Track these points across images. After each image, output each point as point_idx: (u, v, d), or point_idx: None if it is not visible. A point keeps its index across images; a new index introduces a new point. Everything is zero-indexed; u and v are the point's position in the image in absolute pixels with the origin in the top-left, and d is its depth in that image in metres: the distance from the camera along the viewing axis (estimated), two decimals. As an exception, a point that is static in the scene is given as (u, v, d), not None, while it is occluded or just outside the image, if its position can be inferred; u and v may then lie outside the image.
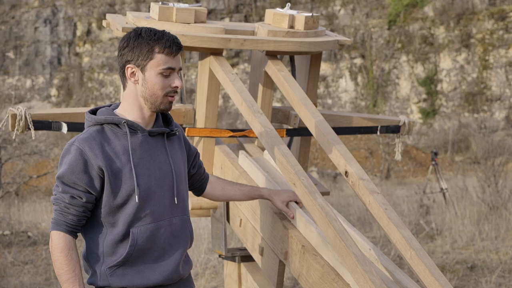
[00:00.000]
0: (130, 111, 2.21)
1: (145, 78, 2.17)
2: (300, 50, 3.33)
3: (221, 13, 25.97)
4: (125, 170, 2.15)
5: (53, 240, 2.15)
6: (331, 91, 25.30)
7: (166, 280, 2.20)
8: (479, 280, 5.95)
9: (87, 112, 2.24)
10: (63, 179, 2.15)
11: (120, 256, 2.16)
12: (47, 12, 27.31)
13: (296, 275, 2.58)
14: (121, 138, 2.17)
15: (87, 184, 2.14)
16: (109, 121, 2.18)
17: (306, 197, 2.47)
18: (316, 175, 16.97)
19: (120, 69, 2.22)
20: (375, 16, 25.08)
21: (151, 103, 2.20)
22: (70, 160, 2.14)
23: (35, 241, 8.09)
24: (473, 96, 23.30)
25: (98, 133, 2.17)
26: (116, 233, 2.16)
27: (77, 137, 2.18)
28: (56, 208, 2.16)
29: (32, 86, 27.27)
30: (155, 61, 2.16)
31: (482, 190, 9.26)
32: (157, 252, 2.19)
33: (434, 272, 2.17)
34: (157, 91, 2.18)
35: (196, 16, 3.28)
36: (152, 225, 2.18)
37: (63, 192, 2.15)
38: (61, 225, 2.15)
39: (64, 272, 2.13)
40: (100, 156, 2.13)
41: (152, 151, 2.21)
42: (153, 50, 2.15)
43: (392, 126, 3.80)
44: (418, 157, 19.55)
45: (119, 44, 2.22)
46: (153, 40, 2.16)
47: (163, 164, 2.22)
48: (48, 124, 3.18)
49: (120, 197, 2.15)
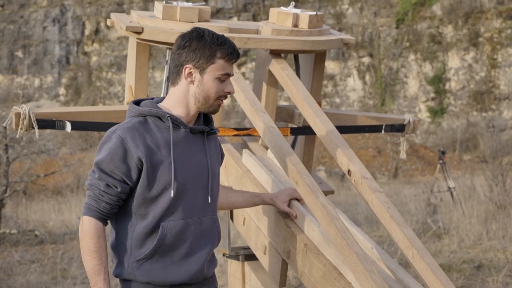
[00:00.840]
0: (175, 107, 2.23)
1: (202, 80, 2.21)
2: (304, 49, 3.32)
3: (229, 12, 25.99)
4: (164, 164, 2.16)
5: (84, 225, 2.15)
6: (339, 90, 25.26)
7: (191, 279, 2.21)
8: (485, 279, 5.93)
9: (131, 102, 2.26)
10: (100, 165, 2.15)
11: (147, 249, 2.16)
12: (56, 11, 27.41)
13: (299, 274, 2.58)
14: (163, 132, 2.19)
15: (124, 173, 2.15)
16: (153, 113, 2.19)
17: (308, 196, 2.47)
18: (323, 174, 16.95)
19: (176, 67, 2.22)
20: (383, 15, 25.01)
21: (202, 104, 2.23)
22: (110, 148, 2.15)
23: (42, 240, 8.13)
24: (481, 95, 23.21)
25: (140, 124, 2.19)
26: (145, 225, 2.17)
27: (119, 126, 2.19)
28: (90, 193, 2.17)
29: (40, 85, 27.38)
30: (215, 65, 2.20)
31: (489, 189, 9.22)
32: (184, 249, 2.20)
33: (436, 271, 2.16)
34: (211, 94, 2.22)
35: (200, 15, 3.29)
36: (182, 222, 2.19)
37: (99, 179, 2.15)
38: (93, 211, 2.15)
39: (92, 258, 2.13)
40: (141, 147, 2.15)
41: (192, 148, 2.23)
42: (215, 55, 2.19)
43: (396, 124, 3.79)
44: (426, 156, 19.49)
45: (179, 42, 2.22)
46: (216, 44, 2.19)
47: (201, 162, 2.24)
48: (52, 123, 3.19)
49: (155, 190, 2.16)
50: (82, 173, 14.94)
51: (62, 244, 7.90)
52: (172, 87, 2.25)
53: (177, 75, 2.23)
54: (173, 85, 2.25)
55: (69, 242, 7.99)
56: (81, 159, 15.79)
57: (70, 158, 16.43)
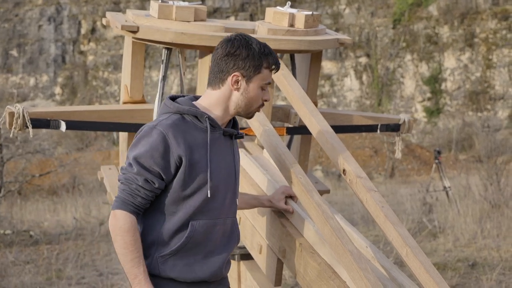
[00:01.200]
0: (213, 109, 2.26)
1: (248, 88, 2.24)
2: (300, 49, 3.33)
3: (226, 11, 25.99)
4: (201, 163, 2.18)
5: (118, 219, 2.14)
6: (336, 89, 25.29)
7: (212, 276, 2.25)
8: (480, 277, 5.95)
9: (168, 98, 2.27)
10: (140, 160, 2.15)
11: (174, 245, 2.19)
12: (51, 10, 27.37)
13: (294, 273, 2.58)
14: (200, 131, 2.21)
15: (162, 170, 2.15)
16: (192, 112, 2.21)
17: (303, 195, 2.47)
18: (320, 173, 16.97)
19: (221, 72, 2.23)
20: (380, 15, 25.05)
21: (243, 110, 2.28)
22: (150, 143, 2.15)
23: (37, 240, 8.10)
24: (476, 95, 23.27)
25: (180, 121, 2.20)
26: (174, 223, 2.19)
27: (159, 121, 2.19)
28: (125, 188, 2.16)
29: (36, 84, 27.33)
30: (261, 75, 2.25)
31: (484, 188, 9.25)
32: (208, 248, 2.23)
33: (429, 269, 2.17)
34: (254, 103, 2.27)
35: (196, 14, 3.29)
36: (210, 221, 2.22)
37: (138, 174, 2.15)
38: (128, 205, 2.15)
39: (129, 251, 2.13)
40: (182, 145, 2.16)
41: (223, 150, 2.27)
42: (262, 65, 2.24)
43: (392, 124, 3.80)
44: (423, 156, 19.53)
45: (227, 48, 2.22)
46: (264, 54, 2.24)
47: (229, 164, 2.28)
48: (46, 123, 3.18)
49: (190, 189, 2.18)
50: (78, 173, 14.92)
51: (57, 244, 7.89)
52: (211, 90, 2.27)
53: (221, 80, 2.25)
54: (214, 88, 2.27)
55: (64, 242, 7.98)
56: (77, 159, 15.78)
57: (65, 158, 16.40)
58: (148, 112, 3.38)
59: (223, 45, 2.24)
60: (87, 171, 15.04)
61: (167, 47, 3.33)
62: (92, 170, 14.83)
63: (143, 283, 2.13)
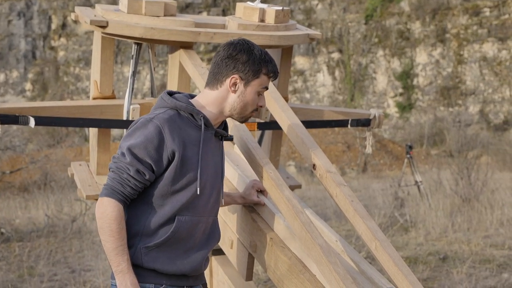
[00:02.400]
0: (208, 109, 2.29)
1: (245, 92, 2.28)
2: (270, 44, 3.34)
3: (198, 7, 25.88)
4: (193, 160, 2.21)
5: (105, 206, 2.15)
6: (309, 85, 25.37)
7: (192, 271, 2.29)
8: (450, 270, 6.04)
9: (166, 93, 2.29)
10: (133, 150, 2.16)
11: (159, 238, 2.21)
12: (21, 4, 26.97)
13: (265, 267, 2.59)
14: (194, 129, 2.25)
15: (154, 162, 2.17)
16: (189, 110, 2.24)
17: (273, 190, 2.48)
18: (293, 169, 17.02)
19: (220, 73, 2.26)
20: (352, 11, 25.19)
21: (237, 113, 2.31)
22: (146, 135, 2.17)
23: (8, 237, 8.00)
24: (448, 91, 23.55)
25: (176, 117, 2.23)
26: (161, 216, 2.21)
27: (156, 115, 2.21)
28: (116, 176, 2.17)
29: (6, 80, 26.93)
30: (259, 80, 2.29)
31: (455, 182, 9.37)
32: (189, 244, 2.27)
33: (398, 262, 2.19)
34: (249, 107, 2.31)
35: (166, 9, 3.28)
36: (195, 218, 2.26)
37: (130, 164, 2.16)
38: (117, 193, 2.16)
39: (115, 239, 2.14)
40: (176, 140, 2.18)
41: (213, 150, 2.31)
42: (261, 71, 2.28)
43: (362, 119, 3.83)
44: (394, 151, 19.71)
45: (229, 51, 2.26)
46: (264, 61, 2.28)
47: (217, 165, 2.33)
48: (15, 118, 3.15)
49: (179, 184, 2.20)
50: (49, 169, 14.75)
51: (28, 241, 7.80)
52: (208, 90, 2.31)
53: (219, 81, 2.28)
54: (211, 88, 2.30)
55: (36, 239, 7.89)
56: (48, 156, 15.60)
57: (37, 155, 16.21)
58: (118, 108, 3.36)
59: (225, 47, 2.28)
60: (58, 168, 14.88)
61: (137, 42, 3.31)
62: (63, 166, 14.67)
63: (125, 271, 2.15)
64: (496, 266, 6.13)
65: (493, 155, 16.10)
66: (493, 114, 23.14)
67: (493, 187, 9.55)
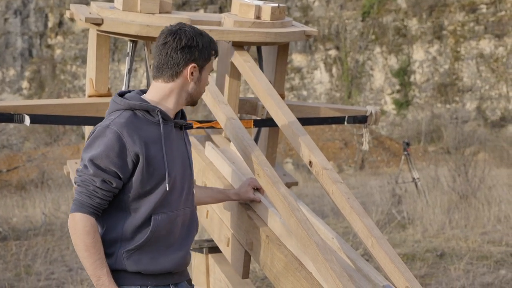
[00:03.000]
0: (163, 101, 2.25)
1: (200, 77, 2.26)
2: (266, 41, 3.32)
3: (195, 4, 25.86)
4: (158, 158, 2.18)
5: (77, 222, 2.13)
6: (306, 82, 25.37)
7: (176, 267, 2.27)
8: (448, 267, 6.04)
9: (117, 95, 2.24)
10: (96, 161, 2.13)
11: (139, 240, 2.19)
12: (17, 3, 26.91)
13: (261, 265, 2.58)
14: (152, 126, 2.20)
15: (119, 169, 2.14)
16: (144, 107, 2.20)
17: (269, 187, 2.47)
18: (291, 166, 17.02)
19: (176, 65, 2.21)
20: (349, 8, 25.19)
21: (192, 99, 2.29)
22: (106, 143, 2.13)
23: (5, 236, 7.99)
24: (445, 87, 23.57)
25: (132, 118, 2.18)
26: (137, 219, 2.19)
27: (112, 121, 2.17)
28: (82, 190, 2.15)
29: (2, 78, 26.88)
30: (210, 63, 2.27)
31: (452, 179, 9.38)
32: (170, 240, 2.24)
33: (395, 259, 2.19)
34: (203, 90, 2.30)
35: (161, 7, 3.26)
36: (172, 213, 2.23)
37: (95, 175, 2.13)
38: (87, 207, 2.14)
39: (91, 254, 2.13)
40: (137, 142, 2.15)
41: (176, 142, 2.27)
42: (211, 53, 2.25)
43: (359, 116, 3.81)
44: (392, 148, 19.73)
45: (182, 39, 2.19)
46: (212, 43, 2.25)
47: (184, 155, 2.29)
48: (10, 117, 3.14)
49: (149, 185, 2.18)
50: (46, 168, 14.73)
51: (25, 240, 7.79)
52: (162, 82, 2.25)
53: (175, 72, 2.23)
54: (166, 80, 2.24)
55: (33, 238, 7.88)
56: (45, 154, 15.58)
57: (33, 153, 16.19)
58: (113, 106, 3.34)
59: (175, 37, 2.21)
60: (55, 166, 14.86)
61: (133, 40, 3.29)
62: (60, 165, 14.65)
63: (106, 284, 2.13)
64: (493, 262, 6.14)
65: (490, 151, 16.12)
66: (490, 110, 23.17)
67: (491, 183, 9.56)
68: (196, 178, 3.26)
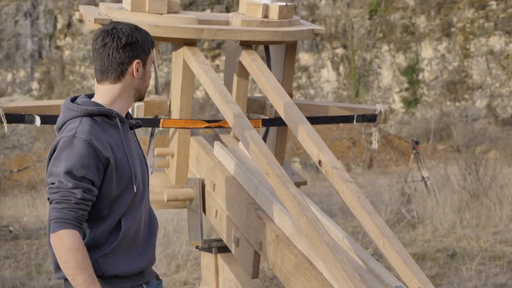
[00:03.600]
0: (115, 104, 2.22)
1: (145, 72, 2.24)
2: (274, 40, 3.31)
3: (202, 4, 25.86)
4: (123, 161, 2.17)
5: (64, 239, 2.07)
6: (313, 81, 25.32)
7: (148, 264, 2.27)
8: (459, 267, 6.00)
9: (70, 102, 2.20)
10: (73, 172, 2.08)
11: (111, 244, 2.17)
12: (27, 5, 27.04)
13: (271, 265, 2.57)
14: (112, 130, 2.19)
15: (95, 176, 2.11)
16: (102, 112, 2.17)
17: (279, 187, 2.46)
18: (298, 165, 16.99)
19: (120, 65, 2.18)
20: (356, 6, 25.11)
21: (140, 94, 2.26)
22: (78, 153, 2.09)
23: (16, 235, 8.03)
24: (454, 85, 23.45)
25: (95, 124, 2.16)
26: (109, 224, 2.17)
27: (76, 129, 2.13)
28: (63, 206, 2.08)
29: (13, 80, 27.02)
30: (150, 55, 2.25)
31: (463, 178, 9.31)
32: (139, 239, 2.24)
33: (407, 260, 2.17)
34: (148, 83, 2.27)
35: (169, 7, 3.26)
36: (137, 213, 2.23)
37: (75, 187, 2.08)
38: (71, 222, 2.08)
39: (83, 270, 2.08)
40: (107, 147, 2.13)
41: (132, 142, 2.26)
42: (150, 46, 2.24)
43: (368, 115, 3.79)
44: (400, 146, 19.65)
45: (123, 39, 2.17)
46: (148, 35, 2.24)
47: (139, 155, 2.29)
48: (21, 117, 3.15)
49: (119, 189, 2.16)
50: (56, 168, 14.74)
51: (36, 239, 7.81)
52: (109, 84, 2.21)
53: (120, 72, 2.20)
54: (113, 82, 2.21)
55: (44, 237, 7.90)
56: (55, 154, 15.58)
57: (44, 153, 16.23)
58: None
59: (113, 37, 2.18)
60: (65, 167, 14.87)
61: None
62: (70, 165, 14.67)
63: None
64: (506, 262, 6.08)
65: (501, 149, 16.01)
66: (501, 108, 23.04)
67: (502, 182, 9.48)
68: (205, 178, 3.25)
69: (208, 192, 3.20)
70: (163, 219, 7.74)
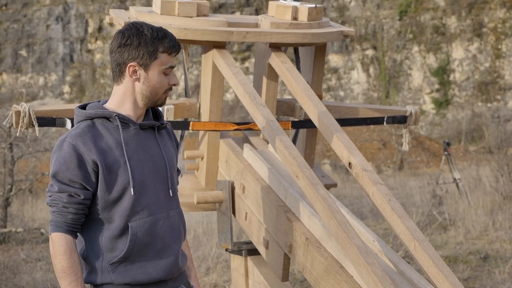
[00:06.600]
0: (122, 105, 2.21)
1: (147, 76, 2.18)
2: (304, 42, 3.31)
3: (231, 7, 25.93)
4: (120, 164, 2.14)
5: (54, 242, 2.11)
6: (343, 83, 25.21)
7: (167, 274, 2.19)
8: (492, 270, 5.90)
9: (77, 107, 2.23)
10: (58, 177, 2.12)
11: (121, 251, 2.14)
12: (59, 9, 27.44)
13: (301, 268, 2.56)
14: (112, 132, 2.17)
15: (83, 180, 2.11)
16: (100, 115, 2.17)
17: (308, 189, 2.45)
18: (329, 167, 16.92)
19: (118, 65, 2.18)
20: (386, 7, 24.93)
21: (149, 100, 2.21)
22: (63, 157, 2.12)
23: (47, 238, 8.14)
24: (486, 86, 23.12)
25: (89, 127, 2.16)
26: (113, 228, 2.15)
27: (68, 133, 2.17)
28: (54, 209, 2.13)
29: (45, 83, 27.44)
30: (159, 60, 2.17)
31: (495, 179, 9.18)
32: (157, 246, 2.18)
33: (438, 263, 2.14)
34: (158, 89, 2.19)
35: (199, 10, 3.28)
36: (150, 218, 2.17)
37: (60, 191, 2.11)
38: (61, 226, 2.12)
39: (67, 275, 2.10)
40: (93, 150, 2.12)
41: (145, 144, 2.21)
42: (158, 50, 2.16)
43: (398, 116, 3.77)
44: (431, 148, 19.44)
45: (119, 40, 2.17)
46: (157, 39, 2.16)
47: (157, 157, 2.22)
48: (52, 121, 3.19)
49: (115, 192, 2.14)
50: (87, 170, 14.91)
51: (67, 241, 7.92)
52: (116, 86, 2.22)
53: (120, 73, 2.19)
54: (117, 83, 2.22)
55: (75, 239, 8.01)
56: (86, 157, 15.75)
57: (75, 156, 16.43)
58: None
59: (116, 37, 2.18)
60: (96, 169, 15.03)
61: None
62: (101, 168, 14.82)
63: None
64: (539, 265, 5.98)
65: (534, 150, 15.72)
66: (534, 109, 22.65)
67: (535, 183, 9.31)
68: (235, 180, 3.26)
69: (237, 194, 3.21)
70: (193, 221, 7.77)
